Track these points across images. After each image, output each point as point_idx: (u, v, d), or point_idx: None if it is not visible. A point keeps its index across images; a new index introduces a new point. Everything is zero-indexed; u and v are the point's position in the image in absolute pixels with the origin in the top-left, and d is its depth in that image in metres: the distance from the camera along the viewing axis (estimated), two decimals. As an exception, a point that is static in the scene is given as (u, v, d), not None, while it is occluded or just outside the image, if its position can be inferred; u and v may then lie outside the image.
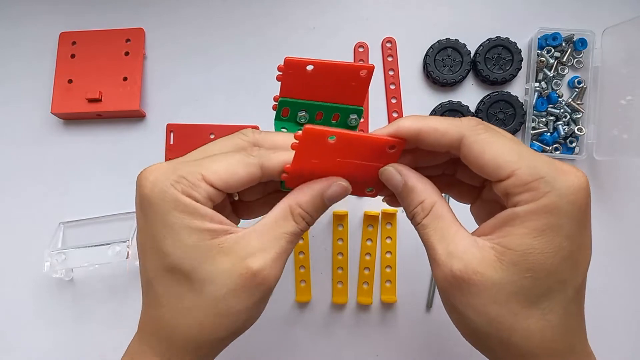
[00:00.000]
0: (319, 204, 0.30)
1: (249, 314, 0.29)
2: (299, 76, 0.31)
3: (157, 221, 0.28)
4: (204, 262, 0.28)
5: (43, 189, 0.50)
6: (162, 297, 0.29)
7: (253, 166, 0.29)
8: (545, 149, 0.48)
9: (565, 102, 0.48)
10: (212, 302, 0.28)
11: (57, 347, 0.48)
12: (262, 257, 0.28)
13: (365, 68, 0.31)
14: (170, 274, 0.28)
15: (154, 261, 0.29)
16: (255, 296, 0.29)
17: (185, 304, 0.28)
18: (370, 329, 0.48)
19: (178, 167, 0.28)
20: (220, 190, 0.28)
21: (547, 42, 0.48)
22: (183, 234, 0.27)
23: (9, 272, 0.49)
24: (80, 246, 0.46)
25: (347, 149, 0.28)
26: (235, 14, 0.51)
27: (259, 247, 0.28)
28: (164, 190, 0.27)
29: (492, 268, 0.26)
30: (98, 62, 0.50)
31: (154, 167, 0.29)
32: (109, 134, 0.51)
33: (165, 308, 0.29)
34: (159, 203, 0.27)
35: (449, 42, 0.49)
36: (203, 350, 0.29)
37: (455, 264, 0.27)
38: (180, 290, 0.28)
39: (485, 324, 0.27)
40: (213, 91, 0.51)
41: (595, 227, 0.48)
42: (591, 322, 0.49)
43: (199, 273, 0.28)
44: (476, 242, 0.27)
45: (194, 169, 0.28)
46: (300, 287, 0.48)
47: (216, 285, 0.28)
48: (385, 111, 0.50)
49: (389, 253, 0.48)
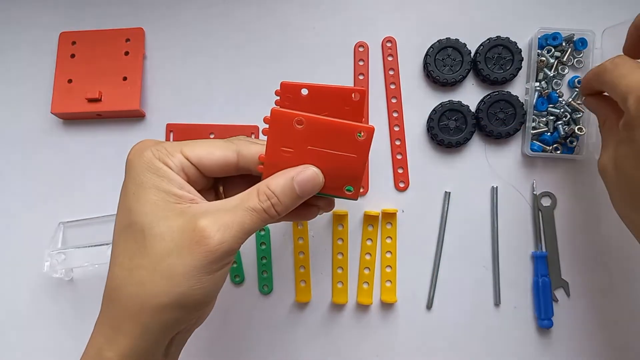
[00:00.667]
0: (288, 188, 0.30)
1: (189, 280, 0.28)
2: (296, 100, 0.32)
3: (130, 181, 0.30)
4: (160, 220, 0.29)
5: (43, 189, 0.50)
6: (118, 255, 0.30)
7: (230, 150, 0.31)
8: (545, 148, 0.48)
9: (566, 102, 0.48)
10: (156, 260, 0.28)
11: (57, 347, 0.48)
12: (212, 218, 0.29)
13: (357, 91, 0.31)
14: (130, 230, 0.29)
15: (121, 217, 0.31)
16: (196, 257, 0.28)
17: (134, 262, 0.29)
18: (370, 329, 0.48)
19: (163, 142, 0.31)
20: (194, 165, 0.31)
21: (547, 42, 0.48)
22: (149, 192, 0.29)
23: (9, 272, 0.49)
24: (80, 246, 0.46)
25: (317, 136, 0.29)
26: (235, 14, 0.51)
27: (214, 211, 0.29)
28: (142, 154, 0.30)
29: None
30: (98, 62, 0.50)
31: (143, 140, 0.32)
32: (108, 134, 0.51)
33: (117, 267, 0.30)
34: (135, 164, 0.30)
35: (449, 41, 0.49)
36: (145, 315, 0.29)
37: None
38: (133, 247, 0.29)
39: None
40: (213, 91, 0.51)
41: (596, 227, 0.49)
42: (591, 323, 0.49)
43: (153, 230, 0.29)
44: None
45: (175, 145, 0.31)
46: (300, 287, 0.48)
47: (163, 242, 0.28)
48: (386, 111, 0.50)
49: (389, 253, 0.48)
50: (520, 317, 0.48)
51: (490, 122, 0.48)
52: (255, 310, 0.49)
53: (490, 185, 0.49)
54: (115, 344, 0.29)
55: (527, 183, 0.49)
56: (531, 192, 0.49)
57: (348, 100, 0.32)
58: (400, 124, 0.50)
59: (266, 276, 0.49)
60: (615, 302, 0.48)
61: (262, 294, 0.49)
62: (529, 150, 0.48)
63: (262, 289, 0.49)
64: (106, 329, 0.30)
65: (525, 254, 0.48)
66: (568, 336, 0.48)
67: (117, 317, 0.29)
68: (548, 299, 0.47)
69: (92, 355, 0.30)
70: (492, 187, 0.49)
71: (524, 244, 0.48)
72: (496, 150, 0.49)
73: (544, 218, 0.48)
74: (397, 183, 0.49)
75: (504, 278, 0.48)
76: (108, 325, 0.30)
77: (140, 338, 0.29)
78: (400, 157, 0.49)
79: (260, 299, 0.49)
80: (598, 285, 0.48)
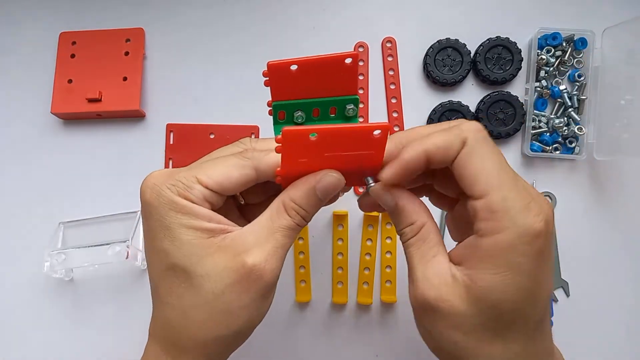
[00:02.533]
0: (312, 198, 0.30)
1: (249, 311, 0.29)
2: (286, 78, 0.31)
3: (156, 223, 0.29)
4: (201, 260, 0.28)
5: (43, 189, 0.50)
6: (165, 297, 0.30)
7: (247, 168, 0.30)
8: (545, 148, 0.48)
9: (569, 94, 0.48)
10: (211, 299, 0.28)
11: (57, 347, 0.48)
12: (257, 252, 0.29)
13: (349, 56, 0.30)
14: (171, 272, 0.29)
15: (157, 262, 0.30)
16: (252, 292, 0.29)
17: (186, 303, 0.29)
18: (370, 329, 0.48)
19: (174, 172, 0.29)
20: (215, 192, 0.29)
21: (547, 42, 0.48)
22: (181, 232, 0.28)
23: (9, 272, 0.49)
24: (80, 246, 0.46)
25: (332, 143, 0.28)
26: (235, 14, 0.51)
27: (254, 242, 0.29)
28: (161, 193, 0.29)
29: (460, 299, 0.27)
30: (98, 62, 0.50)
31: (153, 173, 0.30)
32: (109, 134, 0.51)
33: (168, 308, 0.30)
34: (156, 205, 0.29)
35: (449, 42, 0.49)
36: (210, 348, 0.30)
37: (428, 288, 0.28)
38: (181, 289, 0.29)
39: (450, 346, 0.28)
40: (213, 91, 0.51)
41: (596, 227, 0.49)
42: (591, 323, 0.49)
43: (197, 270, 0.28)
44: (450, 271, 0.28)
45: (189, 173, 0.29)
46: (300, 287, 0.48)
47: (213, 282, 0.28)
48: (386, 111, 0.50)
49: (389, 253, 0.48)
50: (520, 317, 0.48)
51: (490, 122, 0.48)
52: (255, 310, 0.49)
53: (490, 185, 0.49)
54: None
55: (527, 183, 0.49)
56: (531, 192, 0.49)
57: (341, 67, 0.31)
58: (400, 124, 0.50)
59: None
60: (615, 302, 0.48)
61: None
62: (528, 150, 0.48)
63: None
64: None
65: (525, 254, 0.48)
66: (568, 336, 0.48)
67: (180, 354, 0.30)
68: (548, 299, 0.47)
69: None
70: (492, 187, 0.49)
71: (523, 244, 0.48)
72: (496, 150, 0.49)
73: (544, 218, 0.48)
74: (397, 183, 0.49)
75: (503, 278, 0.48)
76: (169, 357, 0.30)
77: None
78: (400, 157, 0.49)
79: (260, 299, 0.49)
80: (598, 285, 0.48)
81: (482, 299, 0.27)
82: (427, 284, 0.28)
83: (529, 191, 0.27)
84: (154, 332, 0.31)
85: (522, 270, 0.26)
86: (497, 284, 0.26)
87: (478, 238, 0.27)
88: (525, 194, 0.27)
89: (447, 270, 0.28)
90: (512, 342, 0.27)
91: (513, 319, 0.27)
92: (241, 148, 0.31)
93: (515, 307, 0.27)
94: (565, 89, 0.48)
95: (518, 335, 0.28)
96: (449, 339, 0.28)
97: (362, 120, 0.49)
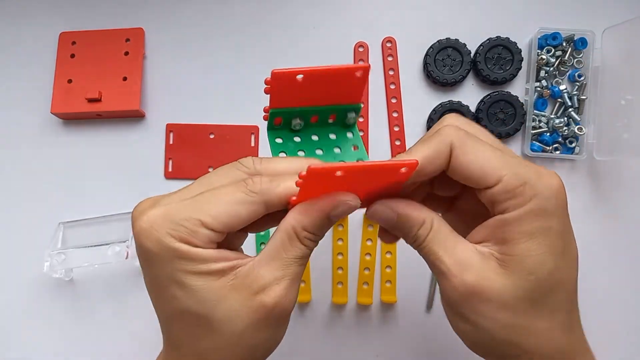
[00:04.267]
0: (325, 223, 0.29)
1: (270, 342, 0.29)
2: (290, 87, 0.29)
3: (159, 271, 0.27)
4: (217, 304, 0.27)
5: (43, 189, 0.50)
6: (180, 338, 0.28)
7: (255, 204, 0.27)
8: (545, 149, 0.48)
9: (569, 94, 0.48)
10: (233, 340, 0.27)
11: (56, 347, 0.48)
12: (275, 289, 0.27)
13: (360, 69, 0.29)
14: (185, 316, 0.28)
15: (165, 305, 0.28)
16: (274, 326, 0.29)
17: (205, 345, 0.28)
18: (370, 329, 0.48)
19: (172, 213, 0.27)
20: (221, 232, 0.27)
21: (547, 42, 0.48)
22: (189, 280, 0.27)
23: (9, 272, 0.49)
24: (80, 246, 0.46)
25: (356, 178, 0.27)
26: (235, 14, 0.51)
27: (270, 278, 0.27)
28: (161, 241, 0.26)
29: (497, 275, 0.27)
30: (98, 62, 0.50)
31: (147, 213, 0.27)
32: (109, 134, 0.51)
33: (185, 349, 0.29)
34: (157, 253, 0.26)
35: (449, 41, 0.49)
36: None
37: (465, 273, 0.27)
38: (197, 331, 0.28)
39: (499, 330, 0.28)
40: (213, 91, 0.51)
41: (595, 227, 0.49)
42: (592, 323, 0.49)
43: (215, 315, 0.27)
44: (477, 250, 0.28)
45: (191, 215, 0.26)
46: (301, 287, 0.48)
47: (234, 325, 0.27)
48: (385, 111, 0.50)
49: (389, 253, 0.48)
50: (520, 317, 0.48)
51: (490, 122, 0.48)
52: (255, 310, 0.49)
53: (490, 185, 0.49)
54: None
55: (527, 183, 0.49)
56: (531, 192, 0.49)
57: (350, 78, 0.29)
58: (400, 124, 0.50)
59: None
60: (616, 302, 0.48)
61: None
62: (529, 151, 0.48)
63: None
64: None
65: (525, 254, 0.48)
66: (568, 336, 0.48)
67: None
68: (548, 299, 0.47)
69: None
70: (492, 187, 0.49)
71: (524, 244, 0.48)
72: (496, 150, 0.49)
73: (544, 218, 0.48)
74: (397, 183, 0.49)
75: (504, 278, 0.48)
76: None
77: None
78: (400, 157, 0.49)
79: (260, 299, 0.49)
80: (598, 285, 0.48)
81: (519, 267, 0.27)
82: (462, 269, 0.27)
83: (527, 162, 0.28)
84: None
85: (554, 231, 0.27)
86: (532, 248, 0.26)
87: (504, 215, 0.27)
88: (529, 164, 0.28)
89: (474, 251, 0.28)
90: (557, 311, 0.28)
91: (552, 284, 0.27)
92: (243, 172, 0.28)
93: (552, 268, 0.27)
94: (565, 89, 0.48)
95: (559, 302, 0.28)
96: (496, 322, 0.27)
97: (362, 133, 0.49)
